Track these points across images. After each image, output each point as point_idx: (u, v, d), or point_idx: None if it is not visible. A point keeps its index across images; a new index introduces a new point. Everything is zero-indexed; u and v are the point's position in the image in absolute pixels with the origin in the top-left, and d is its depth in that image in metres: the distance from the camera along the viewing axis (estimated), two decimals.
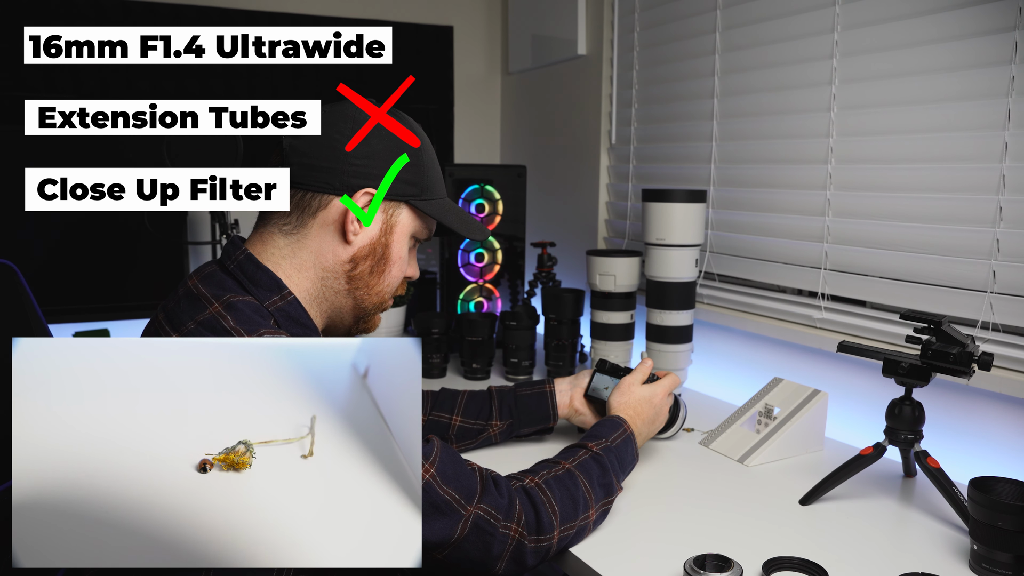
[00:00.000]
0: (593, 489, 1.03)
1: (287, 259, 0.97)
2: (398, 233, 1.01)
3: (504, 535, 0.93)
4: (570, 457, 1.07)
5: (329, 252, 0.98)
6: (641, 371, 1.28)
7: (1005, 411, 1.22)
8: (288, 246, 0.97)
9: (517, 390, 1.34)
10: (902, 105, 1.33)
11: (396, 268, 1.03)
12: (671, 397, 1.30)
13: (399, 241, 1.02)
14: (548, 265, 1.98)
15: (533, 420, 1.32)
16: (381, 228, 1.00)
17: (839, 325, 1.46)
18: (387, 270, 1.02)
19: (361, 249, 0.99)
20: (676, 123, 1.85)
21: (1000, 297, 1.21)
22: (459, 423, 1.30)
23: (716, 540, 1.01)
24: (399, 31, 2.40)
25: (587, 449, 1.09)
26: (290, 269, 0.97)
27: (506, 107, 2.58)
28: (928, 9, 1.28)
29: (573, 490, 1.01)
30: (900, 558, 0.97)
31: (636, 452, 1.17)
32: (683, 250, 1.59)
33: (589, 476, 1.04)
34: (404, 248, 1.03)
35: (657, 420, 1.25)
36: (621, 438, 1.14)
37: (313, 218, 0.97)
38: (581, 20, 2.13)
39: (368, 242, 0.99)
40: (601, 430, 1.14)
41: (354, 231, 0.97)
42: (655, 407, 1.24)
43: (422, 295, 2.16)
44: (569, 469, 1.03)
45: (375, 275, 1.01)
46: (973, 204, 1.24)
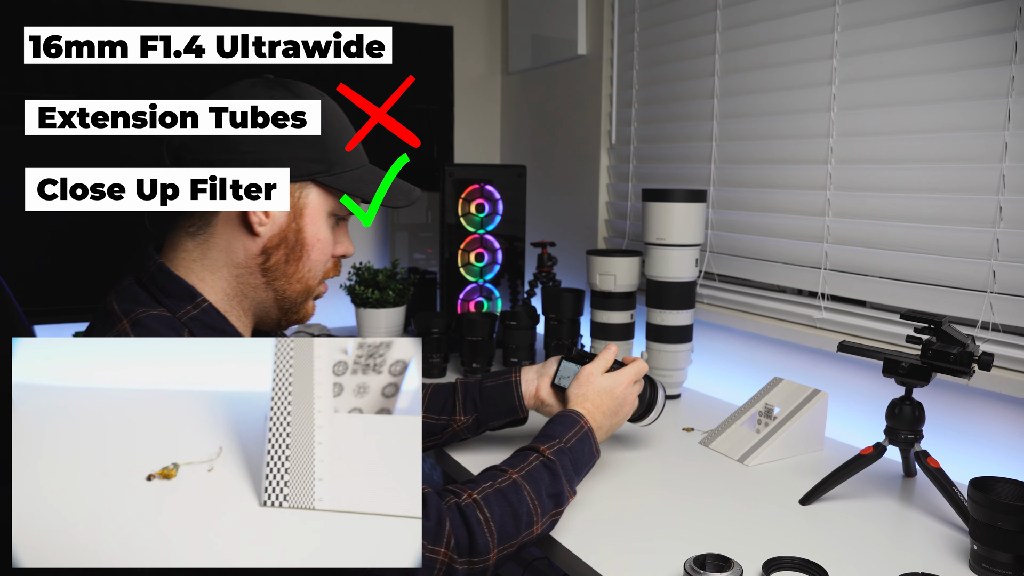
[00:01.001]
0: (540, 501, 0.97)
1: (197, 262, 0.93)
2: (310, 215, 0.95)
3: (431, 560, 0.87)
4: (518, 464, 1.00)
5: (239, 247, 0.93)
6: (602, 359, 1.20)
7: (1005, 411, 1.22)
8: (196, 248, 0.93)
9: (483, 381, 1.27)
10: (902, 105, 1.33)
11: (316, 252, 0.97)
12: (640, 384, 1.23)
13: (313, 223, 0.95)
14: (548, 265, 1.98)
15: (499, 413, 1.25)
16: (288, 214, 0.93)
17: (839, 325, 1.46)
18: (304, 256, 0.96)
19: (271, 239, 0.93)
20: (676, 123, 1.85)
21: (1000, 297, 1.21)
22: (423, 419, 1.25)
23: (716, 540, 1.01)
24: (399, 31, 2.40)
25: (538, 454, 1.02)
26: (202, 272, 0.93)
27: (506, 107, 2.58)
28: (928, 9, 1.28)
29: (517, 505, 0.95)
30: (900, 558, 0.97)
31: (596, 448, 1.10)
32: (683, 250, 1.59)
33: (537, 486, 0.98)
34: (321, 229, 0.96)
35: (621, 411, 1.18)
36: (577, 436, 1.07)
37: (216, 215, 0.92)
38: (581, 20, 2.13)
39: (277, 231, 0.93)
40: (555, 428, 1.08)
41: (259, 222, 0.92)
42: (617, 398, 1.16)
43: (422, 295, 2.16)
44: (515, 480, 0.97)
45: (292, 263, 0.95)
46: (973, 204, 1.24)
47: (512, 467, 0.99)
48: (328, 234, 0.98)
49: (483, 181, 2.01)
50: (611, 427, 1.17)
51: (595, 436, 1.11)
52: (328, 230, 0.97)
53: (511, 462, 1.01)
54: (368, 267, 2.02)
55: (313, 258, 0.97)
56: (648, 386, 1.27)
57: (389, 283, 1.98)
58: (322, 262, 0.98)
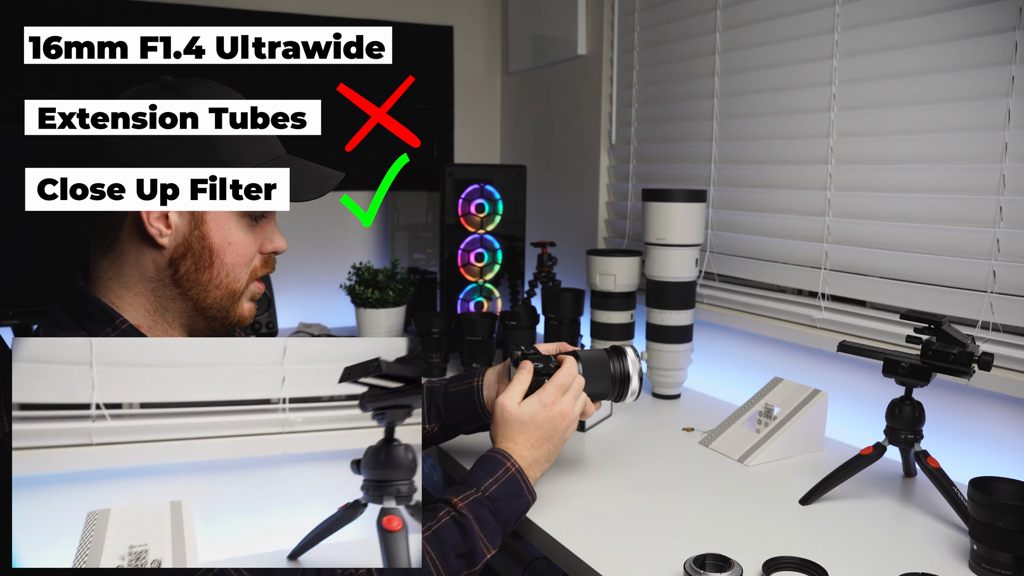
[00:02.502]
0: (447, 565, 0.90)
1: (114, 280, 0.90)
2: (213, 220, 0.90)
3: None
4: (426, 522, 0.92)
5: (148, 261, 0.90)
6: (518, 382, 1.07)
7: (1005, 411, 1.22)
8: (111, 267, 0.91)
9: (447, 386, 1.22)
10: (902, 105, 1.33)
11: (230, 256, 0.92)
12: (575, 388, 1.10)
13: (219, 228, 0.91)
14: (548, 265, 1.98)
15: (464, 420, 1.19)
16: (190, 222, 0.89)
17: (839, 325, 1.46)
18: (216, 262, 0.91)
19: (176, 250, 0.89)
20: (676, 123, 1.85)
21: (1000, 297, 1.21)
22: None
23: (716, 540, 1.01)
24: (399, 31, 2.40)
25: (449, 508, 0.94)
26: (120, 290, 0.90)
27: (506, 107, 2.58)
28: (928, 9, 1.28)
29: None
30: (900, 558, 0.97)
31: (528, 490, 1.01)
32: (683, 250, 1.59)
33: (443, 549, 0.90)
34: (231, 232, 0.92)
35: (556, 435, 1.06)
36: (500, 481, 0.98)
37: (121, 230, 0.89)
38: (581, 20, 2.13)
39: (180, 241, 0.89)
40: (475, 473, 0.99)
41: (159, 233, 0.88)
42: (542, 425, 1.05)
43: (422, 295, 2.16)
44: None
45: (203, 271, 0.91)
46: (973, 204, 1.24)
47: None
48: (241, 235, 0.93)
49: (483, 181, 2.01)
50: (549, 454, 1.06)
51: (526, 476, 1.02)
52: (241, 231, 0.93)
53: (423, 517, 0.94)
54: (368, 267, 2.02)
55: (228, 262, 0.92)
56: (613, 360, 1.16)
57: (389, 283, 1.98)
58: (240, 264, 0.93)
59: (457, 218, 1.99)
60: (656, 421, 1.52)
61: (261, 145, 0.93)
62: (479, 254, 2.02)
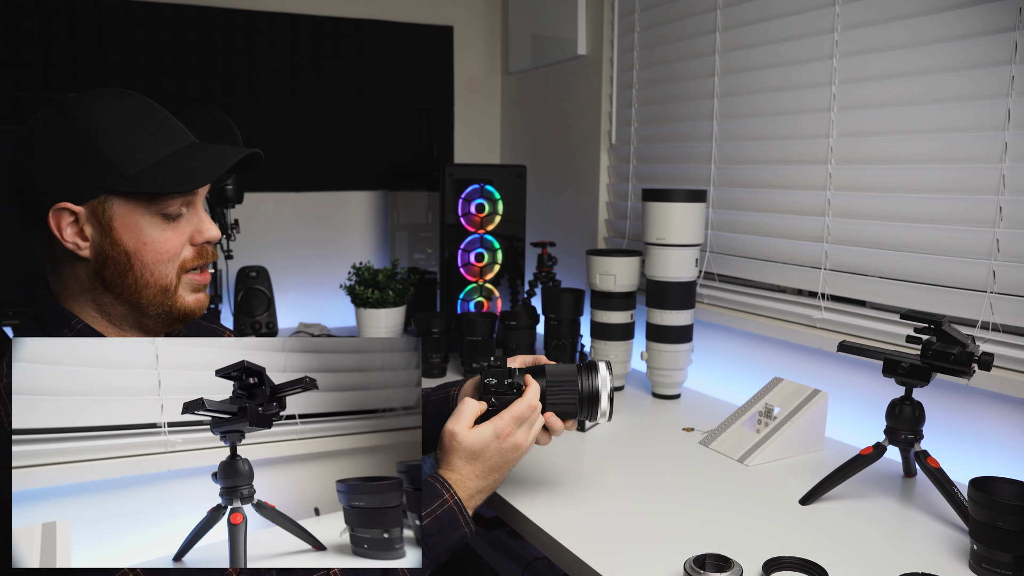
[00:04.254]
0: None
1: (62, 293, 0.94)
2: (122, 227, 0.90)
3: None
4: None
5: (81, 273, 0.92)
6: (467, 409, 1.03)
7: (1005, 411, 1.22)
8: (57, 282, 0.94)
9: (428, 395, 1.21)
10: (902, 105, 1.33)
11: (150, 255, 0.92)
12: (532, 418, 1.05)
13: (129, 232, 0.91)
14: (548, 265, 1.98)
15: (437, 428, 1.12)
16: (99, 231, 0.90)
17: (839, 325, 1.46)
18: (136, 264, 0.91)
19: (96, 259, 0.90)
20: (676, 123, 1.85)
21: (1000, 297, 1.21)
22: None
23: (716, 540, 1.01)
24: (399, 31, 2.40)
25: None
26: (69, 302, 0.93)
27: (506, 107, 2.58)
28: (928, 9, 1.28)
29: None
30: (900, 558, 0.97)
31: (465, 522, 0.98)
32: (683, 250, 1.59)
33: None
34: (143, 232, 0.91)
35: (504, 466, 1.02)
36: (435, 514, 0.96)
37: (54, 248, 0.91)
38: (581, 20, 2.13)
39: (97, 251, 0.90)
40: None
41: (76, 247, 0.89)
42: (488, 459, 1.01)
43: (422, 295, 2.16)
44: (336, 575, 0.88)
45: (126, 274, 0.92)
46: (973, 204, 1.24)
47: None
48: (157, 234, 0.92)
49: (483, 181, 2.01)
50: (495, 482, 1.03)
51: (465, 508, 0.99)
52: (156, 230, 0.92)
53: None
54: (368, 267, 2.02)
55: (148, 262, 0.92)
56: (582, 376, 1.08)
57: (389, 283, 1.98)
58: (162, 262, 0.93)
59: (457, 218, 1.99)
60: (656, 421, 1.52)
61: (155, 141, 0.91)
62: (479, 254, 2.02)
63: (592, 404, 1.08)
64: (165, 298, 0.94)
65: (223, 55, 2.18)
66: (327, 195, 2.38)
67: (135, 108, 0.92)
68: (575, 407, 1.08)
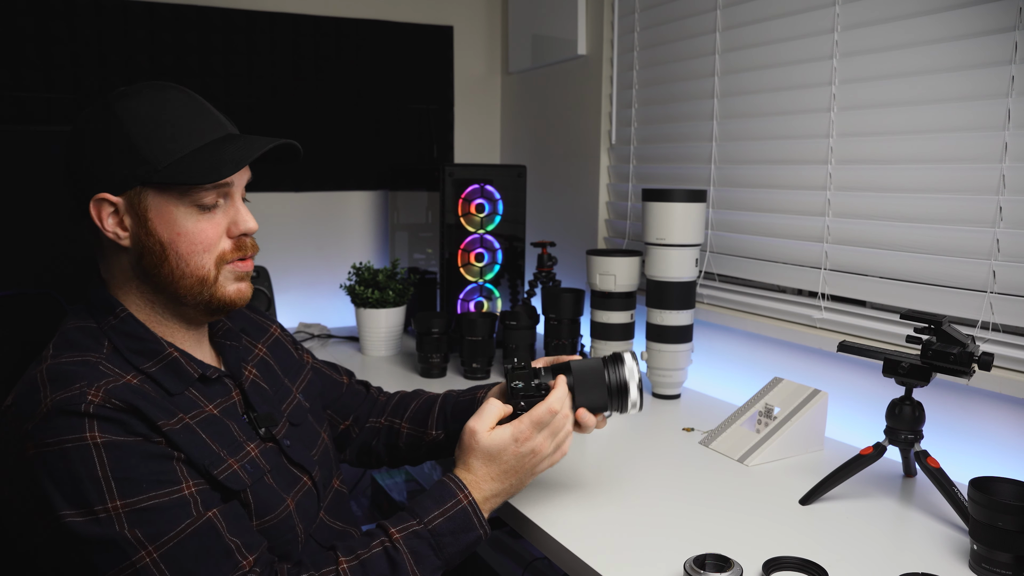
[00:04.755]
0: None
1: (112, 279, 0.96)
2: (156, 218, 0.91)
3: None
4: (358, 549, 0.91)
5: (124, 263, 0.94)
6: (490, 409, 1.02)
7: (1005, 411, 1.22)
8: (106, 271, 0.97)
9: (459, 396, 1.22)
10: (902, 105, 1.33)
11: (184, 246, 0.92)
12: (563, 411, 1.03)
13: (164, 224, 0.92)
14: (548, 265, 1.98)
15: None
16: (135, 223, 0.92)
17: (839, 325, 1.46)
18: (171, 255, 0.92)
19: (135, 249, 0.93)
20: (676, 123, 1.85)
21: (1000, 297, 1.21)
22: (407, 430, 1.23)
23: (716, 540, 1.01)
24: (399, 31, 2.40)
25: (385, 537, 0.92)
26: (116, 291, 0.96)
27: (506, 107, 2.58)
28: (928, 9, 1.28)
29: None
30: (900, 558, 0.97)
31: (481, 523, 0.96)
32: (683, 250, 1.59)
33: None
34: (178, 224, 0.92)
35: (523, 470, 1.00)
36: (448, 514, 0.95)
37: (101, 238, 0.94)
38: (581, 20, 2.13)
39: (134, 243, 0.92)
40: (423, 502, 0.96)
41: (116, 236, 0.92)
42: (508, 461, 0.99)
43: (422, 295, 2.16)
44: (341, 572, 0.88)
45: (164, 265, 0.93)
46: (973, 204, 1.24)
47: (349, 553, 0.91)
48: (191, 225, 0.92)
49: (483, 181, 2.01)
50: (512, 487, 1.01)
51: (480, 509, 0.97)
52: (190, 221, 0.92)
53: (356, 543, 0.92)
54: (368, 267, 2.02)
55: (183, 252, 0.92)
56: (609, 369, 1.08)
57: (389, 283, 1.98)
58: (199, 251, 0.93)
59: (457, 218, 1.99)
60: (656, 421, 1.52)
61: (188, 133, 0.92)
62: (479, 254, 2.02)
63: (622, 396, 1.07)
64: (203, 288, 0.95)
65: (223, 55, 2.18)
66: (327, 195, 2.38)
67: (173, 100, 0.94)
68: (605, 400, 1.07)
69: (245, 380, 1.03)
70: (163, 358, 0.94)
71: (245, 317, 1.17)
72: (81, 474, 0.79)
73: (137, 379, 0.90)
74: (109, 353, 0.91)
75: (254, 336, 1.15)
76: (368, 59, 2.36)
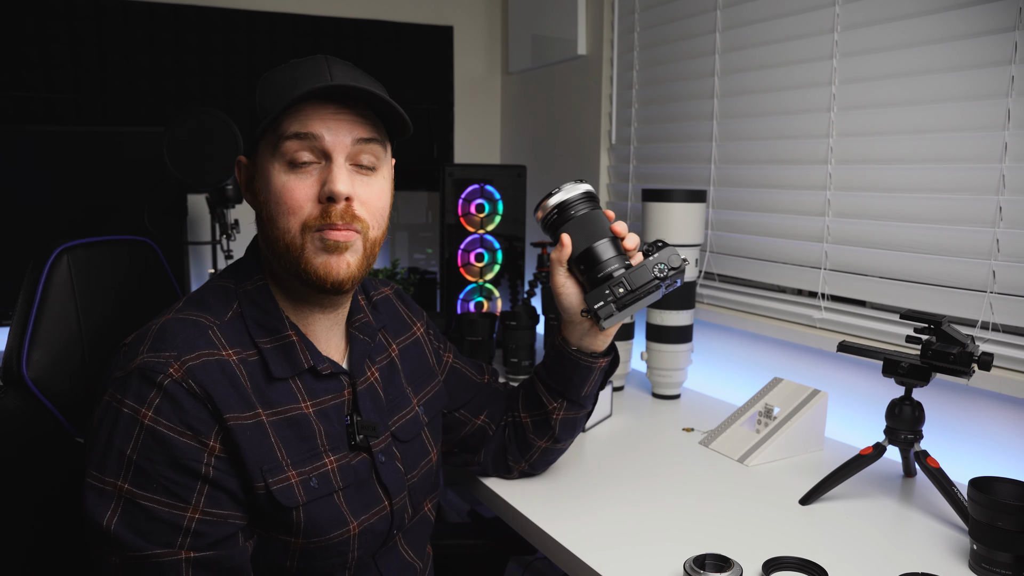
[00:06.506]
0: None
1: (263, 240, 0.93)
2: (260, 176, 0.90)
3: None
4: None
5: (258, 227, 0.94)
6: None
7: (1005, 411, 1.22)
8: (260, 229, 0.93)
9: (544, 362, 1.17)
10: (902, 105, 1.33)
11: (273, 205, 0.88)
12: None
13: (264, 182, 0.89)
14: (548, 265, 1.98)
15: (566, 375, 1.12)
16: (254, 183, 0.92)
17: (839, 325, 1.46)
18: (267, 216, 0.89)
19: (256, 212, 0.93)
20: (676, 123, 1.85)
21: (1000, 297, 1.21)
22: (528, 420, 1.17)
23: (716, 540, 1.01)
24: (399, 31, 2.40)
25: None
26: (264, 251, 0.93)
27: (506, 107, 2.58)
28: (928, 9, 1.28)
29: None
30: (900, 558, 0.97)
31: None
32: (683, 250, 1.59)
33: None
34: (270, 182, 0.88)
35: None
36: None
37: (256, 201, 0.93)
38: (581, 20, 2.13)
39: (253, 205, 0.93)
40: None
41: (250, 197, 0.94)
42: None
43: (422, 295, 2.16)
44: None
45: (265, 228, 0.90)
46: (973, 204, 1.24)
47: None
48: (281, 184, 0.87)
49: (483, 181, 2.01)
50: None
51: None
52: (281, 179, 0.87)
53: None
54: None
55: (273, 214, 0.88)
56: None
57: None
58: (284, 213, 0.87)
59: (457, 218, 1.99)
60: (656, 421, 1.52)
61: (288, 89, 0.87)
62: (479, 254, 2.02)
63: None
64: (291, 257, 0.88)
65: (223, 55, 2.18)
66: None
67: (299, 65, 0.91)
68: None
69: (362, 382, 0.97)
70: (280, 338, 0.90)
71: (394, 310, 1.11)
72: (116, 442, 0.80)
73: (238, 356, 0.86)
74: (232, 318, 0.88)
75: (394, 333, 1.08)
76: (368, 59, 2.36)
